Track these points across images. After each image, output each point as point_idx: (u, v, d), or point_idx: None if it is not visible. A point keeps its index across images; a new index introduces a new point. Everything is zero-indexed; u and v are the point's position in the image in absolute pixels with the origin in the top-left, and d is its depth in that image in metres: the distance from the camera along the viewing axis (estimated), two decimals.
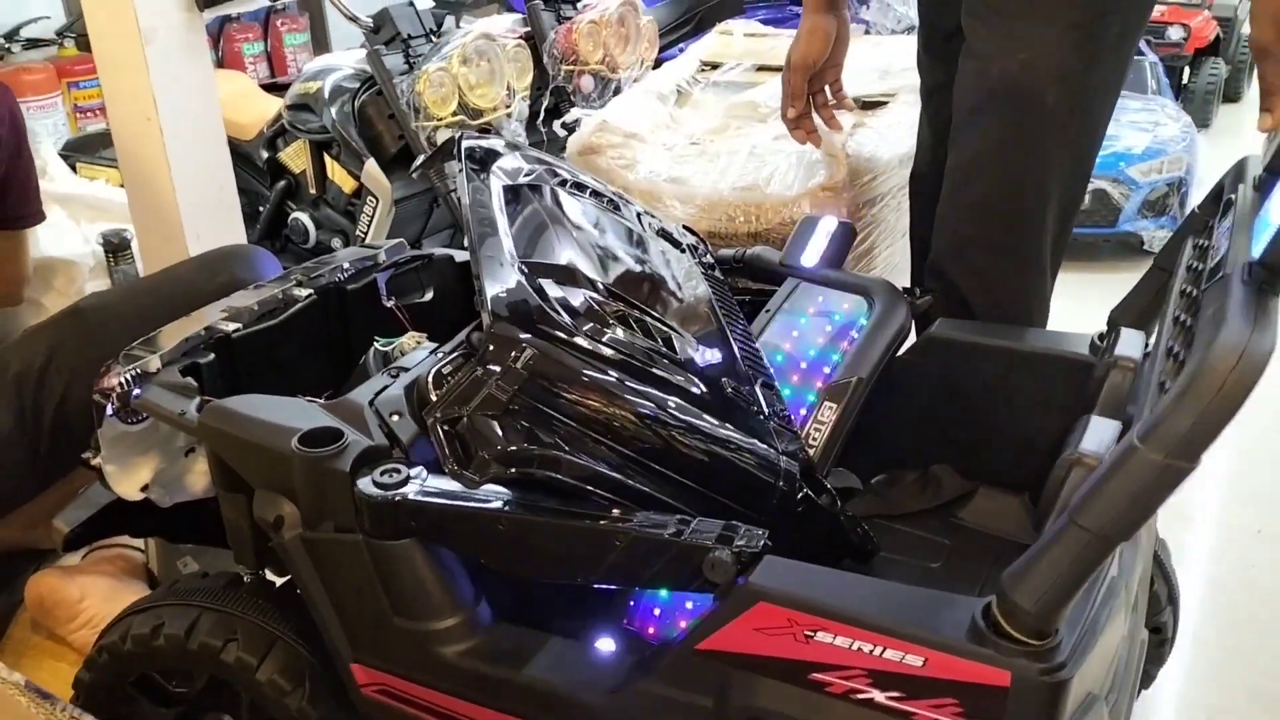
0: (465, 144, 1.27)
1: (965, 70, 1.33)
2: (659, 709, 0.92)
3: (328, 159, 2.41)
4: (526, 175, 1.29)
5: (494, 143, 1.32)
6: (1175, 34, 4.00)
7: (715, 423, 1.07)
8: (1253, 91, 4.76)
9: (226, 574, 1.22)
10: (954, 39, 1.37)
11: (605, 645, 1.02)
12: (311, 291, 1.40)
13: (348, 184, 2.38)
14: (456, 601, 1.03)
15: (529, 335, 1.00)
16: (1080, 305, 2.67)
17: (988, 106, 1.30)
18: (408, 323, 1.44)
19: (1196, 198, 3.03)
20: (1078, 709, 0.82)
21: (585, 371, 1.02)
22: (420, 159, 2.08)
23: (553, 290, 1.09)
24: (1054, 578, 0.74)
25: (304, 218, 2.50)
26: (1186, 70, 4.12)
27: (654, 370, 1.08)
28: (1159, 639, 1.31)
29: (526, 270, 1.09)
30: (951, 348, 1.28)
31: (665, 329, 1.17)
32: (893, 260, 1.80)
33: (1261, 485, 1.99)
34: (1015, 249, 1.35)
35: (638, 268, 1.27)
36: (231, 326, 1.30)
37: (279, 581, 1.23)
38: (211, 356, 1.26)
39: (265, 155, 2.55)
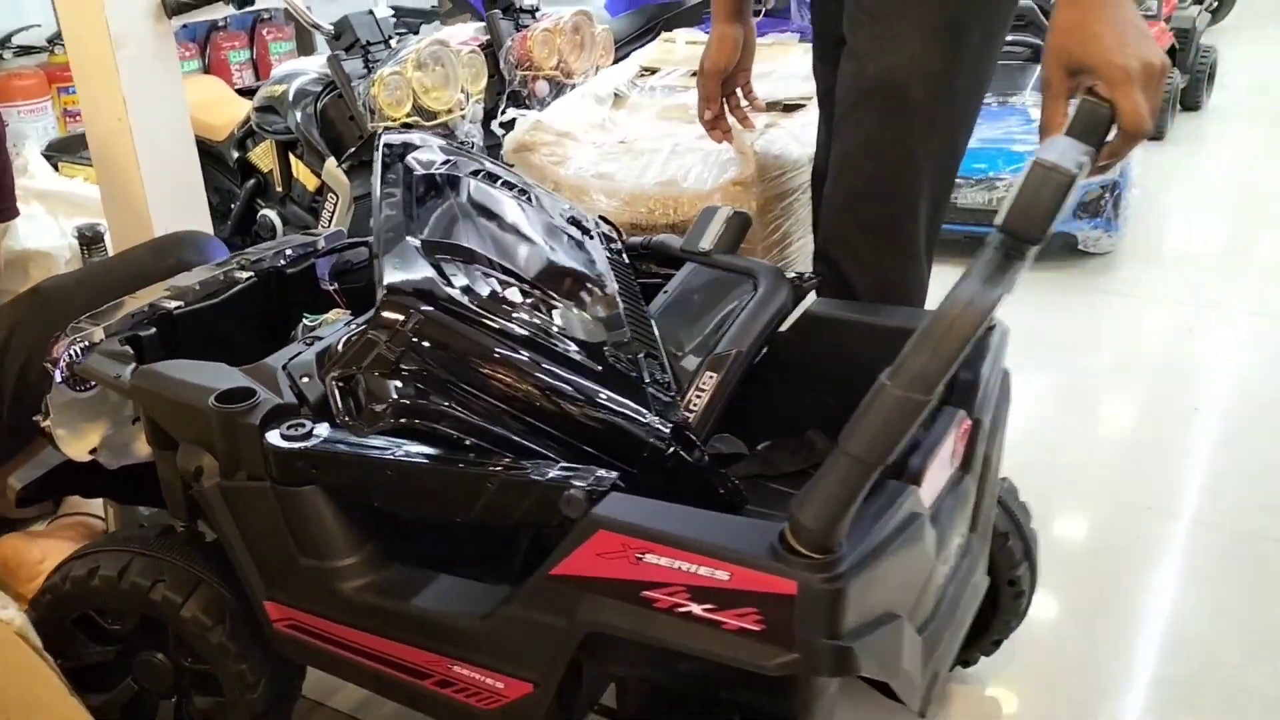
0: (384, 138, 1.40)
1: (845, 71, 1.45)
2: (520, 629, 1.05)
3: (293, 158, 2.55)
4: (441, 166, 1.41)
5: (413, 137, 1.45)
6: None
7: (595, 387, 1.19)
8: (1214, 101, 4.88)
9: (160, 525, 1.34)
10: (842, 46, 1.50)
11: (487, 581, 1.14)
12: (252, 274, 1.53)
13: (311, 182, 2.52)
14: (355, 542, 1.16)
15: (420, 303, 1.13)
16: (1016, 304, 2.80)
17: (863, 103, 1.42)
18: (343, 304, 1.57)
19: (1130, 200, 3.14)
20: (872, 622, 0.94)
21: (472, 337, 1.14)
22: (349, 151, 2.23)
23: (448, 265, 1.21)
24: (827, 498, 0.86)
25: (272, 214, 2.63)
26: None
27: (540, 339, 1.20)
28: (1015, 591, 1.42)
29: (425, 248, 1.21)
30: (826, 324, 1.40)
31: (558, 304, 1.29)
32: (806, 250, 1.92)
33: (1159, 467, 2.11)
34: (891, 235, 1.47)
35: (539, 250, 1.39)
36: (173, 304, 1.43)
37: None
38: (153, 330, 1.39)
39: (236, 155, 2.69)
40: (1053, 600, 1.71)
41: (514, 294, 1.25)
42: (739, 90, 1.74)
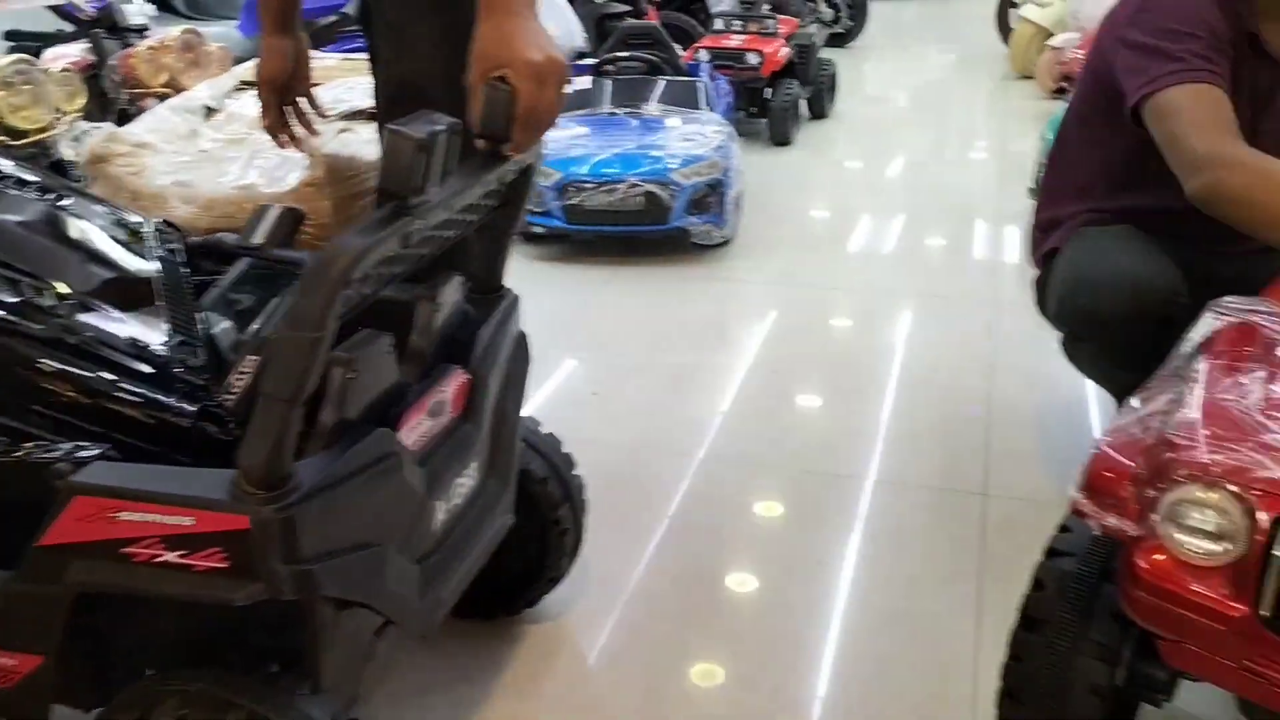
0: None
1: (377, 75, 1.59)
2: (19, 604, 1.09)
3: None
4: None
5: None
6: (752, 59, 4.55)
7: (113, 377, 1.24)
8: (838, 108, 5.46)
9: None
10: None
11: None
12: None
13: None
14: None
15: None
16: (638, 296, 3.05)
17: (395, 102, 1.56)
18: None
19: (734, 197, 3.48)
20: (342, 549, 1.06)
21: None
22: None
23: None
24: (261, 438, 0.96)
25: None
26: (769, 90, 4.68)
27: (62, 337, 1.24)
28: (560, 530, 1.59)
29: None
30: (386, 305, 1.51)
31: (88, 303, 1.33)
32: None
33: (788, 431, 2.39)
34: None
35: (75, 254, 1.42)
36: None
37: None
38: None
39: None
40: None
41: (30, 293, 1.28)
42: (303, 100, 1.83)
